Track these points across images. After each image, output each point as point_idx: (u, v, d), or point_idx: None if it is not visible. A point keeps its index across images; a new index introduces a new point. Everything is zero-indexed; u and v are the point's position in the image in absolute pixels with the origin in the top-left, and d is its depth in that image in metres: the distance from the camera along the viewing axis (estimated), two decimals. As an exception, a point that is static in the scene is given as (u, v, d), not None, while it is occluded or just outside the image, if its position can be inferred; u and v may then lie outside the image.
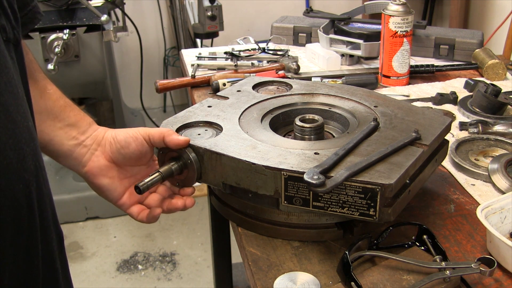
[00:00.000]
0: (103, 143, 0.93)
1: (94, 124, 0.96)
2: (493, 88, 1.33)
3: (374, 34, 1.63)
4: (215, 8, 2.98)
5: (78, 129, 0.93)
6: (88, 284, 2.43)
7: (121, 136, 0.93)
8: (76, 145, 0.92)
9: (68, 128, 0.92)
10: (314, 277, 0.83)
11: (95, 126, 0.96)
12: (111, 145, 0.93)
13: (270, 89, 1.18)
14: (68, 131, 0.92)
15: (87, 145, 0.93)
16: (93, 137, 0.94)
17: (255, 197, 0.92)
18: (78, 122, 0.93)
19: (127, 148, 0.92)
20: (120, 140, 0.92)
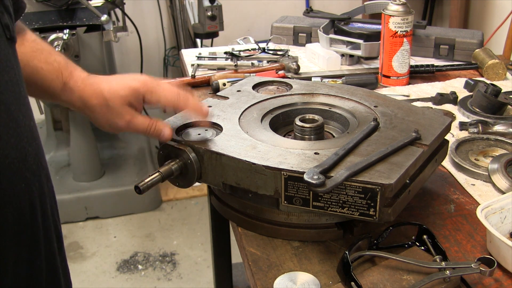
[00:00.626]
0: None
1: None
2: (493, 88, 1.33)
3: (374, 34, 1.63)
4: (215, 8, 2.99)
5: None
6: (88, 284, 2.43)
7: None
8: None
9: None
10: (314, 277, 0.83)
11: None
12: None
13: (270, 89, 1.18)
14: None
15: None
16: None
17: (255, 197, 0.92)
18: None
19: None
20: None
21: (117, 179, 2.89)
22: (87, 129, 2.78)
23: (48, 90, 0.90)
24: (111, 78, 0.91)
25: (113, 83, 0.90)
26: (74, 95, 0.90)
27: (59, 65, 0.89)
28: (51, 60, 0.88)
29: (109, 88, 0.90)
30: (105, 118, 0.91)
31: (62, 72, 0.89)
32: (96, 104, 0.90)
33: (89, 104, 0.90)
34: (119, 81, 0.91)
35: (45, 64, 0.88)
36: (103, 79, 0.91)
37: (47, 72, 0.88)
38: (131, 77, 0.91)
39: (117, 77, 0.92)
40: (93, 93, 0.89)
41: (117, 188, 2.82)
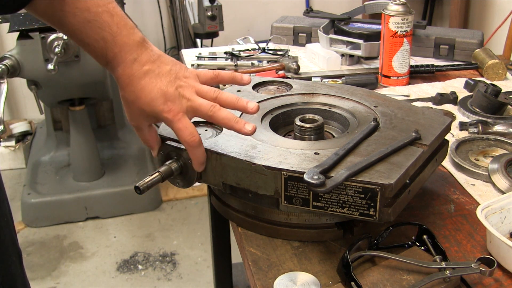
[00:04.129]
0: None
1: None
2: (493, 88, 1.33)
3: (374, 34, 1.63)
4: (215, 8, 2.99)
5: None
6: (88, 284, 2.43)
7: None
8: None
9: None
10: (314, 277, 0.83)
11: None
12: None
13: (270, 89, 1.18)
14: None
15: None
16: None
17: (255, 197, 0.92)
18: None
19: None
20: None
21: (117, 179, 2.89)
22: (87, 129, 2.78)
23: (97, 61, 0.89)
24: (148, 82, 0.87)
25: (144, 93, 0.87)
26: (114, 75, 0.90)
27: (105, 43, 0.85)
28: (98, 37, 0.85)
29: (135, 98, 0.88)
30: (127, 114, 0.91)
31: (106, 53, 0.86)
32: (123, 97, 0.89)
33: (121, 93, 0.89)
34: (151, 91, 0.87)
35: (92, 41, 0.85)
36: (141, 79, 0.87)
37: (93, 49, 0.86)
38: (167, 90, 0.87)
39: (154, 83, 0.87)
40: (125, 86, 0.88)
41: (117, 188, 2.82)
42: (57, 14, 0.84)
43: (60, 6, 0.83)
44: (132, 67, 0.87)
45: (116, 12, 0.86)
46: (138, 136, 0.93)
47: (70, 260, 2.57)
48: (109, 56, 0.87)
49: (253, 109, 0.89)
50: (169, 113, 0.86)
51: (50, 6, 0.82)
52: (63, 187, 2.84)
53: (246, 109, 0.89)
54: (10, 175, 3.23)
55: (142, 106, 0.87)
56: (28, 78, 2.44)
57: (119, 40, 0.86)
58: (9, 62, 2.28)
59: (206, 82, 0.93)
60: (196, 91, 0.89)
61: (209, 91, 0.89)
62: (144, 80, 0.86)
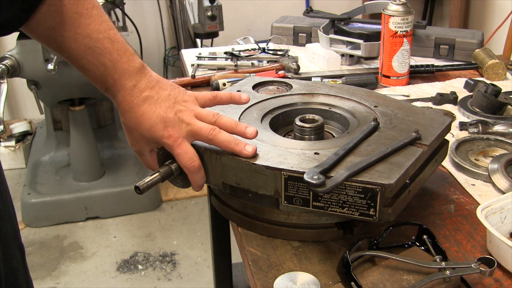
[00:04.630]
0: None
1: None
2: (493, 88, 1.33)
3: (374, 34, 1.63)
4: (215, 8, 2.99)
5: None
6: (88, 284, 2.43)
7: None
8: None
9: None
10: (314, 277, 0.83)
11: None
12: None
13: (270, 89, 1.18)
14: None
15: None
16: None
17: (255, 197, 0.92)
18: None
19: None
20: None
21: (117, 179, 2.89)
22: (87, 129, 2.78)
23: (96, 86, 0.90)
24: (147, 108, 0.88)
25: (144, 119, 0.88)
26: (114, 102, 0.91)
27: (105, 70, 0.87)
28: (98, 63, 0.86)
29: (135, 124, 0.89)
30: (129, 140, 0.93)
31: (106, 79, 0.88)
32: (124, 123, 0.91)
33: (122, 119, 0.91)
34: (151, 118, 0.88)
35: (92, 66, 0.87)
36: (140, 105, 0.88)
37: (92, 75, 0.88)
38: (166, 115, 0.87)
39: (153, 109, 0.88)
40: (125, 113, 0.90)
41: (117, 188, 2.82)
42: (58, 39, 0.84)
43: (61, 31, 0.83)
44: (131, 94, 0.88)
45: (116, 39, 0.87)
46: (140, 160, 0.95)
47: (70, 260, 2.57)
48: (109, 82, 0.88)
49: (252, 134, 0.90)
50: (169, 138, 0.87)
51: (51, 31, 0.83)
52: (63, 187, 2.84)
53: (244, 134, 0.90)
54: (10, 175, 3.23)
55: (142, 132, 0.89)
56: (28, 78, 2.44)
57: (119, 67, 0.87)
58: (9, 62, 2.28)
59: (205, 104, 0.94)
60: (195, 114, 0.90)
61: (208, 115, 0.90)
62: (144, 106, 0.88)
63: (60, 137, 3.06)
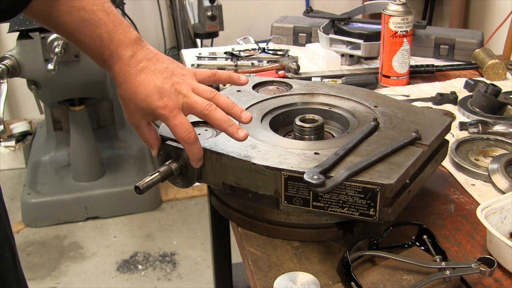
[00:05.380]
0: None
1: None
2: (493, 88, 1.33)
3: (374, 34, 1.63)
4: (215, 8, 2.99)
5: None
6: (88, 284, 2.43)
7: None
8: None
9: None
10: (314, 277, 0.83)
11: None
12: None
13: (270, 89, 1.18)
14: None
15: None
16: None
17: (255, 197, 0.92)
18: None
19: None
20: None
21: (117, 179, 2.89)
22: (87, 129, 2.78)
23: (93, 60, 0.90)
24: (144, 78, 0.87)
25: (140, 89, 0.87)
26: (110, 74, 0.90)
27: (101, 41, 0.86)
28: (94, 35, 0.85)
29: (131, 95, 0.88)
30: (125, 112, 0.92)
31: (103, 51, 0.87)
32: (120, 95, 0.90)
33: (118, 90, 0.90)
34: (147, 88, 0.87)
35: (88, 39, 0.86)
36: (137, 75, 0.87)
37: (89, 48, 0.87)
38: (163, 86, 0.86)
39: (150, 79, 0.87)
40: (121, 84, 0.88)
41: (117, 188, 2.82)
42: (53, 14, 0.84)
43: (56, 5, 0.83)
44: (128, 64, 0.87)
45: (111, 11, 0.86)
46: (138, 135, 0.93)
47: (70, 260, 2.57)
48: (106, 54, 0.87)
49: (246, 119, 0.89)
50: (165, 109, 0.86)
51: (46, 6, 0.83)
52: (63, 187, 2.84)
53: (239, 117, 0.89)
54: (10, 175, 3.23)
55: (138, 103, 0.87)
56: (28, 78, 2.44)
57: (116, 38, 0.86)
58: (9, 62, 2.28)
59: (204, 81, 0.93)
60: (192, 88, 0.88)
61: (205, 90, 0.89)
62: (140, 76, 0.87)
63: (60, 137, 3.06)
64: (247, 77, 1.01)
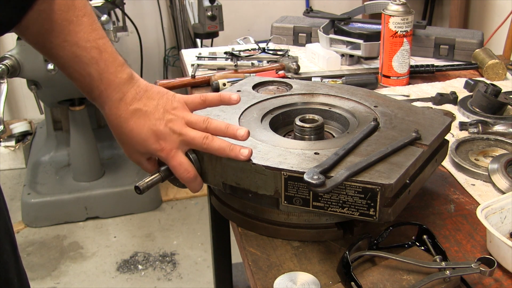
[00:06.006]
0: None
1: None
2: (493, 88, 1.33)
3: (374, 34, 1.63)
4: (215, 8, 2.98)
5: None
6: (88, 284, 2.43)
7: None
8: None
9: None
10: (314, 277, 0.83)
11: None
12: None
13: (270, 89, 1.18)
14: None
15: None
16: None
17: (255, 197, 0.92)
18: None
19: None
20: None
21: (117, 179, 2.89)
22: (87, 129, 2.78)
23: (84, 95, 0.89)
24: (137, 123, 0.86)
25: (134, 134, 0.87)
26: (103, 113, 0.90)
27: (91, 80, 0.86)
28: (85, 73, 0.85)
29: (126, 139, 0.88)
30: (124, 151, 0.92)
31: (92, 90, 0.87)
32: (116, 136, 0.91)
33: (112, 132, 0.90)
34: (141, 132, 0.87)
35: (79, 76, 0.86)
36: (129, 120, 0.87)
37: (79, 84, 0.87)
38: (157, 128, 0.86)
39: (143, 123, 0.86)
40: (114, 127, 0.89)
41: (117, 188, 2.82)
42: (47, 46, 0.84)
43: (50, 37, 0.83)
44: (118, 107, 0.87)
45: (105, 49, 0.85)
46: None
47: (70, 260, 2.57)
48: (95, 93, 0.87)
49: (243, 136, 0.88)
50: (163, 151, 0.87)
51: (41, 36, 0.82)
52: (63, 187, 2.84)
53: (235, 136, 0.89)
54: (10, 175, 3.23)
55: (135, 146, 0.89)
56: (28, 78, 2.44)
57: (105, 78, 0.86)
58: (9, 62, 2.28)
59: (195, 109, 0.93)
60: (186, 122, 0.89)
61: (198, 121, 0.89)
62: (133, 120, 0.87)
63: (60, 137, 3.06)
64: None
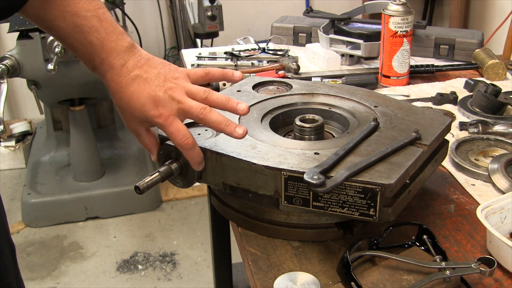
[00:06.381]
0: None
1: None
2: (493, 88, 1.33)
3: (374, 34, 1.63)
4: (215, 8, 2.99)
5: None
6: (88, 284, 2.43)
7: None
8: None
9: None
10: (314, 277, 0.83)
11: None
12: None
13: (270, 89, 1.18)
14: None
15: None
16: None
17: (255, 197, 0.92)
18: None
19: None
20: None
21: (117, 179, 2.89)
22: (87, 129, 2.78)
23: (85, 65, 0.89)
24: (137, 88, 0.86)
25: (134, 99, 0.87)
26: (103, 81, 0.90)
27: (92, 48, 0.85)
28: (86, 41, 0.85)
29: (126, 105, 0.88)
30: (123, 120, 0.91)
31: (94, 58, 0.86)
32: (116, 104, 0.90)
33: (113, 99, 0.90)
34: (140, 97, 0.86)
35: (80, 45, 0.86)
36: (129, 85, 0.87)
37: (80, 53, 0.87)
38: (156, 94, 0.86)
39: (142, 88, 0.86)
40: (115, 93, 0.88)
41: (117, 188, 2.82)
42: (47, 18, 0.84)
43: (50, 9, 0.83)
44: (120, 73, 0.87)
45: (105, 18, 0.86)
46: (137, 140, 0.94)
47: (70, 260, 2.57)
48: (97, 61, 0.87)
49: (243, 110, 0.88)
50: (160, 117, 0.86)
51: (41, 9, 0.83)
52: (63, 187, 2.84)
53: (236, 110, 0.88)
54: (10, 175, 3.23)
55: (133, 113, 0.88)
56: (28, 78, 2.44)
57: (107, 45, 0.86)
58: (9, 62, 2.28)
59: (197, 81, 0.92)
60: (186, 91, 0.88)
61: (199, 91, 0.89)
62: (133, 86, 0.86)
63: (60, 137, 3.06)
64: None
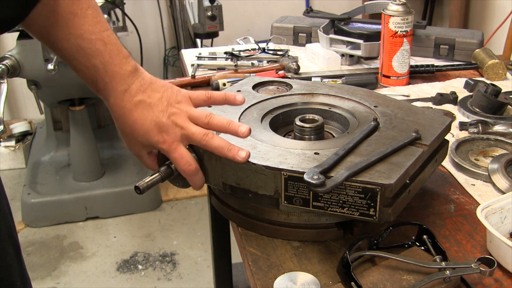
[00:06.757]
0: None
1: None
2: (493, 88, 1.33)
3: (374, 34, 1.63)
4: (215, 8, 2.99)
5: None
6: (88, 284, 2.43)
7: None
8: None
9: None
10: (314, 277, 0.83)
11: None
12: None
13: (270, 89, 1.18)
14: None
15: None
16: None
17: (255, 197, 0.92)
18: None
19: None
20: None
21: (117, 179, 2.89)
22: (87, 129, 2.78)
23: (88, 87, 0.89)
24: (140, 114, 0.87)
25: (138, 125, 0.87)
26: (106, 104, 0.90)
27: (96, 72, 0.86)
28: (89, 64, 0.85)
29: (129, 130, 0.88)
30: (125, 143, 0.92)
31: (97, 81, 0.87)
32: (119, 128, 0.91)
33: (116, 124, 0.90)
34: (144, 124, 0.87)
35: (84, 68, 0.86)
36: (133, 111, 0.87)
37: (84, 75, 0.87)
38: (160, 120, 0.87)
39: (146, 114, 0.87)
40: (118, 118, 0.89)
41: (117, 188, 2.82)
42: (51, 39, 0.84)
43: (54, 30, 0.83)
44: (123, 98, 0.87)
45: (110, 41, 0.86)
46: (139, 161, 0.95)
47: (70, 260, 2.57)
48: (100, 84, 0.87)
49: (244, 133, 0.89)
50: (164, 143, 0.87)
51: (45, 30, 0.83)
52: (63, 187, 2.84)
53: (237, 133, 0.89)
54: (10, 175, 3.23)
55: (137, 138, 0.89)
56: (28, 78, 2.44)
57: (110, 70, 0.86)
58: (9, 62, 2.28)
59: (199, 105, 0.93)
60: (189, 116, 0.89)
61: (200, 116, 0.89)
62: (136, 112, 0.87)
63: (60, 137, 3.06)
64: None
